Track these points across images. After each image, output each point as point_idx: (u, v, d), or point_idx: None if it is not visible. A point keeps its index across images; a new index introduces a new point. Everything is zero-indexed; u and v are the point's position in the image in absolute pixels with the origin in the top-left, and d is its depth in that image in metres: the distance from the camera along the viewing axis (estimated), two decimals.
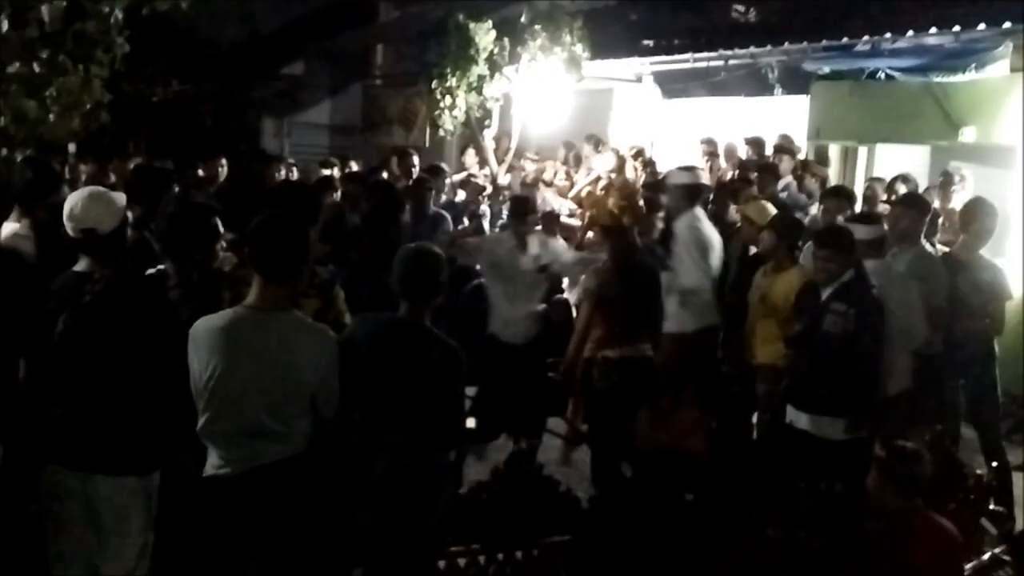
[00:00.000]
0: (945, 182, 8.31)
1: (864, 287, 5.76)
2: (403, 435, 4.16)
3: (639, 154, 11.70)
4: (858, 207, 9.72)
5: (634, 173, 11.35)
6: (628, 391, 6.32)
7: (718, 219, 7.83)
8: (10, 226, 5.78)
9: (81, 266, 4.25)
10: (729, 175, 10.80)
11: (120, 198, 4.38)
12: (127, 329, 3.90)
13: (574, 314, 7.37)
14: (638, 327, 6.46)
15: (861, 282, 5.76)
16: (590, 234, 9.27)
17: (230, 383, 3.75)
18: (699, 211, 7.17)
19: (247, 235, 3.93)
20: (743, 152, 11.32)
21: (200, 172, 9.49)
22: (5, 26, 6.07)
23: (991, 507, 5.45)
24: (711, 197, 8.39)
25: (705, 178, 7.26)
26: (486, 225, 10.01)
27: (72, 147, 8.57)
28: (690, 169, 7.49)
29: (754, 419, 6.88)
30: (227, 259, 4.97)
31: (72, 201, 4.25)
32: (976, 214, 6.77)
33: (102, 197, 4.32)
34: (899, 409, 6.01)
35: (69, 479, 3.92)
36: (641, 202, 8.06)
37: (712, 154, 11.31)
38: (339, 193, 8.84)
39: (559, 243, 7.51)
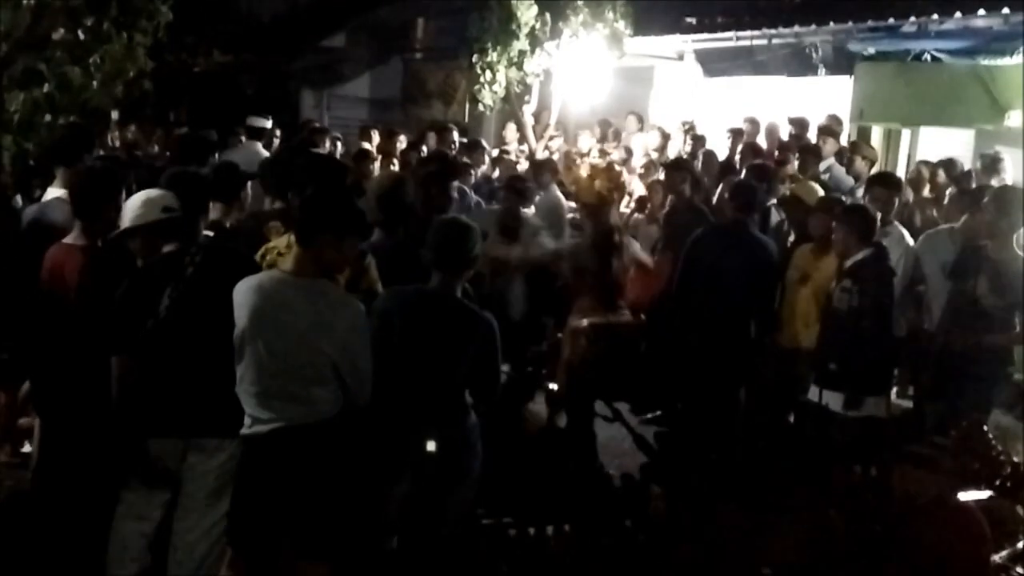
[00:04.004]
0: (988, 166, 8.20)
1: (877, 266, 5.77)
2: (437, 407, 4.20)
3: (691, 129, 11.64)
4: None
5: (683, 147, 11.24)
6: (616, 353, 6.57)
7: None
8: (52, 191, 5.83)
9: (169, 247, 4.29)
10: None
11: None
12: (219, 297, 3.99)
13: None
14: (615, 297, 6.70)
15: (875, 261, 5.77)
16: None
17: (254, 343, 3.82)
18: None
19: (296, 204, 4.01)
20: (785, 132, 11.17)
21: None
22: None
23: None
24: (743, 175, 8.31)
25: None
26: None
27: (115, 114, 8.64)
28: None
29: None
30: (274, 227, 5.00)
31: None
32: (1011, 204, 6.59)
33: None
34: None
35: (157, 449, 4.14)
36: (662, 177, 8.47)
37: (738, 133, 11.11)
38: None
39: None
